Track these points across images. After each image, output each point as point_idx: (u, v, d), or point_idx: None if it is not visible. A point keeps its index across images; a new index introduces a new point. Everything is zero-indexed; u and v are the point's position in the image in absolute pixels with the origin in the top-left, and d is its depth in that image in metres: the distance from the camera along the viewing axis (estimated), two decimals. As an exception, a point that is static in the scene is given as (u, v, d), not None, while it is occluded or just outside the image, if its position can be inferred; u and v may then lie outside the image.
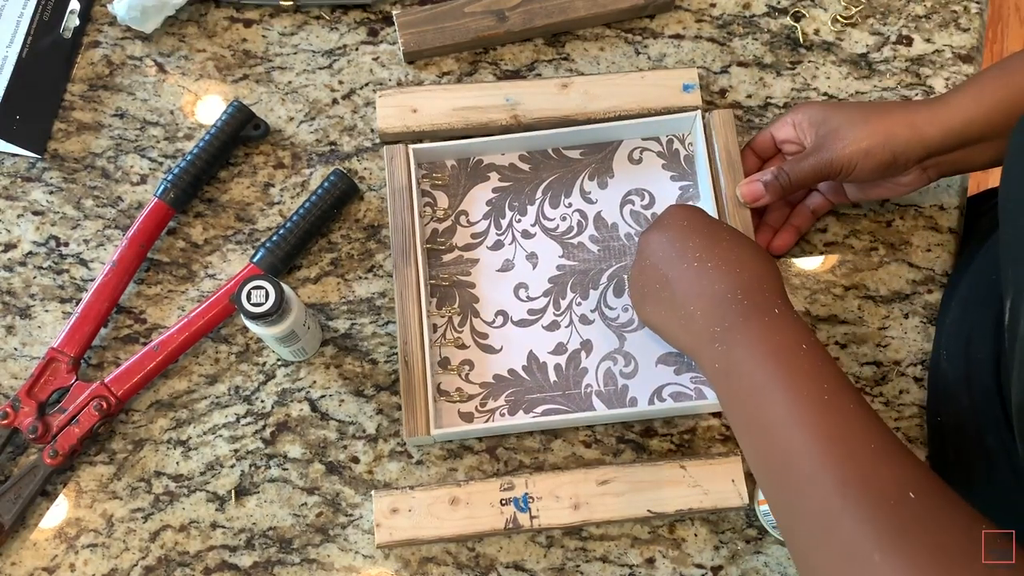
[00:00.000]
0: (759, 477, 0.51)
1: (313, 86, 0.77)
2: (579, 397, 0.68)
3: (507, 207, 0.73)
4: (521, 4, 0.76)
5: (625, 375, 0.69)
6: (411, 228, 0.69)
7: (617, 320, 0.70)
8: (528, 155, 0.74)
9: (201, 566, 0.66)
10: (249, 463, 0.68)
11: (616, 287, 0.71)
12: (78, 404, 0.67)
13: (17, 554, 0.66)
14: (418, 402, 0.66)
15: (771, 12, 0.79)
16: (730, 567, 0.66)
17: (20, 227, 0.73)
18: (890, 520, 0.43)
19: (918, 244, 0.73)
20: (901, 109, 0.64)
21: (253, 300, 0.59)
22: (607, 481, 0.66)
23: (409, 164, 0.71)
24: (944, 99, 0.64)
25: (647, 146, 0.74)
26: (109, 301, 0.69)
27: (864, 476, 0.45)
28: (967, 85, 0.64)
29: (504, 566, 0.66)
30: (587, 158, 0.74)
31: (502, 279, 0.71)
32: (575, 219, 0.72)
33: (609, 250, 0.72)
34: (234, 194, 0.74)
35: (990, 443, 0.62)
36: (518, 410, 0.68)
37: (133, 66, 0.77)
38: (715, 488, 0.66)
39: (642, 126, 0.73)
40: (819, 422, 0.48)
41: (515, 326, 0.70)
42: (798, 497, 0.47)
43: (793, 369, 0.51)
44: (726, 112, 0.71)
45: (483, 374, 0.69)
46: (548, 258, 0.72)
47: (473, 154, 0.73)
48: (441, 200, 0.73)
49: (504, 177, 0.73)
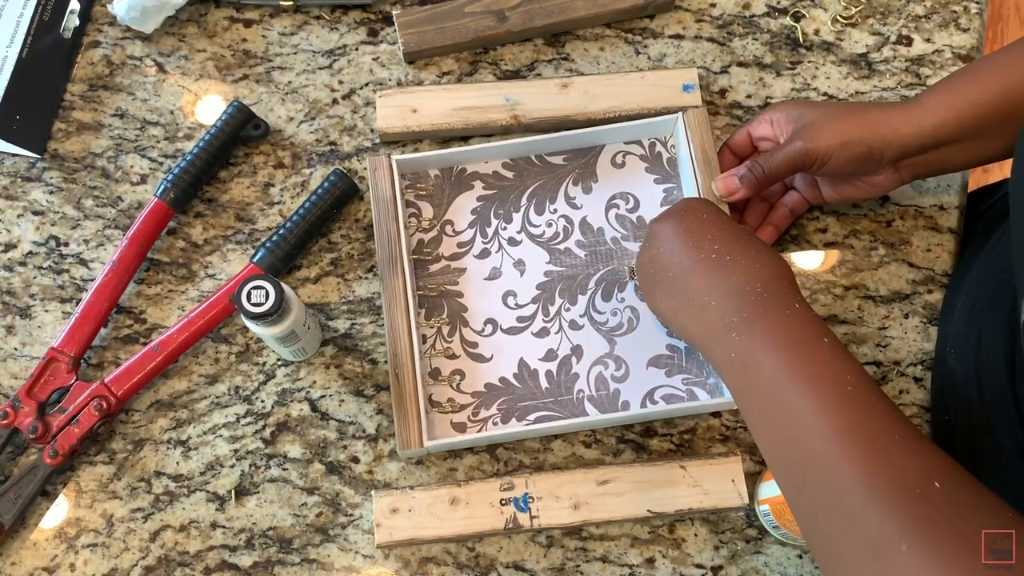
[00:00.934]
0: (776, 467, 0.51)
1: (313, 86, 0.77)
2: (571, 403, 0.68)
3: (492, 215, 0.73)
4: (521, 4, 0.76)
5: (616, 379, 0.69)
6: (397, 239, 0.69)
7: (607, 324, 0.70)
8: (511, 162, 0.74)
9: (201, 566, 0.66)
10: (249, 463, 0.68)
11: (604, 291, 0.71)
12: (78, 404, 0.67)
13: (17, 554, 0.66)
14: (410, 414, 0.65)
15: (771, 12, 0.79)
16: (730, 567, 0.66)
17: (20, 227, 0.73)
18: (917, 510, 0.43)
19: (918, 244, 0.73)
20: (877, 109, 0.64)
21: (253, 300, 0.59)
22: (607, 481, 0.66)
23: (392, 175, 0.70)
24: (918, 100, 0.64)
25: (630, 150, 0.74)
26: (109, 301, 0.69)
27: (889, 466, 0.45)
28: (939, 87, 0.65)
29: (504, 566, 0.66)
30: (570, 163, 0.74)
31: (490, 287, 0.71)
32: (561, 225, 0.72)
33: (596, 255, 0.72)
34: (234, 194, 0.74)
35: (1003, 441, 0.61)
36: (511, 418, 0.68)
37: (133, 66, 0.77)
38: (715, 488, 0.66)
39: (624, 130, 0.72)
40: (842, 412, 0.48)
41: (505, 334, 0.70)
42: (820, 487, 0.47)
43: (815, 360, 0.50)
44: (700, 111, 0.71)
45: (474, 383, 0.69)
46: (535, 265, 0.72)
47: (456, 163, 0.73)
48: (426, 210, 0.73)
49: (488, 185, 0.73)
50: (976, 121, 0.62)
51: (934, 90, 0.64)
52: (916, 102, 0.64)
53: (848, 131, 0.63)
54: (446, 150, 0.72)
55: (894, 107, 0.64)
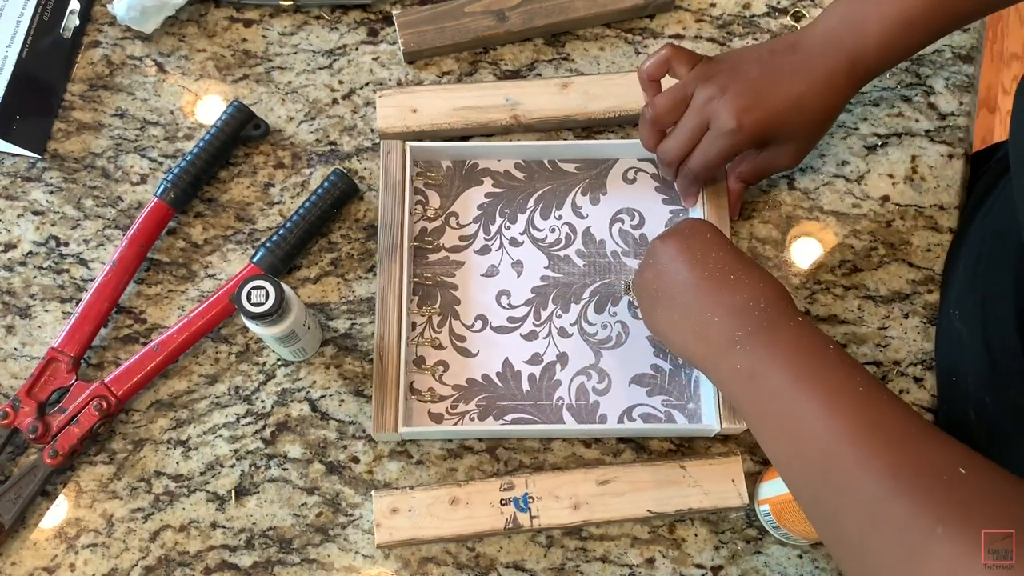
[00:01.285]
0: (791, 474, 0.51)
1: (313, 86, 0.77)
2: (549, 409, 0.68)
3: (498, 213, 0.73)
4: (521, 4, 0.76)
5: (598, 391, 0.69)
6: (400, 224, 0.69)
7: (595, 336, 0.70)
8: (524, 163, 0.74)
9: (201, 566, 0.66)
10: (249, 463, 0.68)
11: (598, 303, 0.71)
12: (78, 404, 0.67)
13: (17, 554, 0.66)
14: (389, 398, 0.65)
15: (771, 12, 0.79)
16: (730, 567, 0.66)
17: (20, 227, 0.73)
18: (948, 495, 0.43)
19: (918, 244, 0.73)
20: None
21: (253, 300, 0.59)
22: (607, 481, 0.66)
23: (405, 160, 0.71)
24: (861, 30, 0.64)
25: (643, 167, 0.74)
26: (109, 301, 0.69)
27: (913, 457, 0.45)
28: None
29: (504, 566, 0.66)
30: (582, 173, 0.74)
31: (486, 284, 0.71)
32: (564, 232, 0.72)
33: (595, 266, 0.72)
34: (234, 194, 0.74)
35: (1014, 400, 0.61)
36: (488, 416, 0.68)
37: (133, 66, 0.77)
38: (715, 488, 0.66)
39: (640, 146, 0.72)
40: (859, 412, 0.48)
41: (494, 332, 0.70)
42: (842, 487, 0.47)
43: (823, 364, 0.51)
44: None
45: (457, 376, 0.69)
46: (533, 268, 0.72)
47: (469, 157, 0.73)
48: (433, 199, 0.73)
49: (498, 183, 0.73)
50: (920, 29, 0.63)
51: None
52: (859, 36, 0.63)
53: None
54: (462, 143, 0.72)
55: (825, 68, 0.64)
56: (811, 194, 0.74)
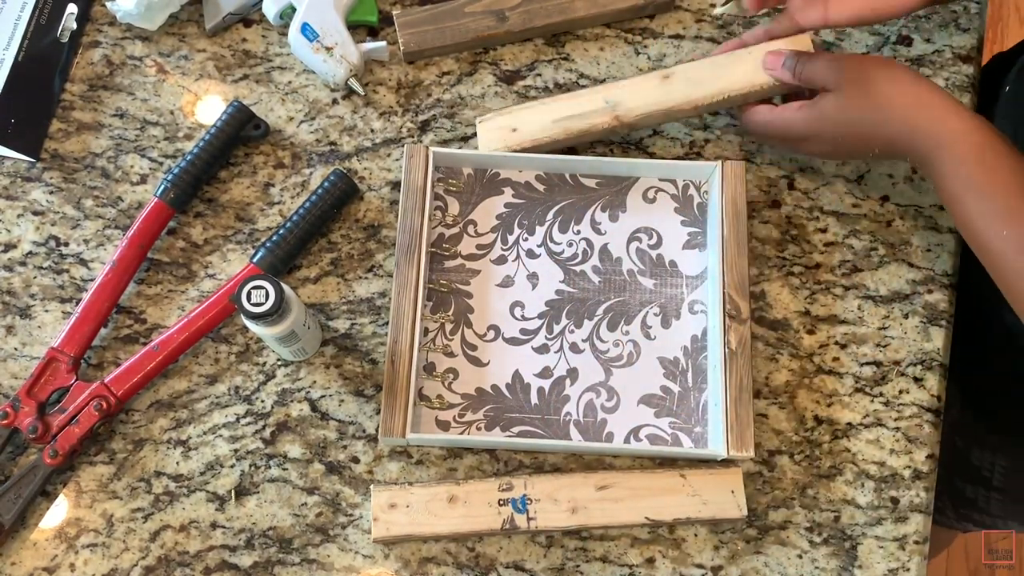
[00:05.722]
0: (984, 225, 0.59)
1: (313, 86, 0.77)
2: (557, 424, 0.68)
3: (516, 224, 0.73)
4: (521, 4, 0.76)
5: (606, 409, 0.69)
6: (419, 229, 0.69)
7: (607, 354, 0.70)
8: (545, 176, 0.74)
9: (201, 566, 0.66)
10: (249, 463, 0.68)
11: (611, 321, 0.70)
12: (78, 404, 0.67)
13: (17, 554, 0.66)
14: (398, 403, 0.65)
15: (771, 12, 0.79)
16: (730, 567, 0.66)
17: (20, 227, 0.73)
18: None
19: (918, 244, 0.73)
20: None
21: (253, 300, 0.59)
22: (606, 486, 0.66)
23: (427, 166, 0.71)
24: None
25: (663, 187, 0.74)
26: (109, 301, 0.69)
27: None
28: None
29: (504, 566, 0.66)
30: (603, 189, 0.74)
31: (500, 294, 0.71)
32: (581, 247, 0.72)
33: (610, 283, 0.72)
34: (234, 194, 0.74)
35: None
36: (495, 426, 0.68)
37: (133, 66, 0.77)
38: (714, 498, 0.66)
39: (662, 167, 0.72)
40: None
41: (505, 343, 0.70)
42: None
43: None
44: (739, 165, 0.71)
45: (466, 385, 0.69)
46: (548, 281, 0.71)
47: (491, 166, 0.73)
48: (452, 206, 0.73)
49: (518, 194, 0.73)
50: None
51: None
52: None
53: None
54: (484, 152, 0.71)
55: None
56: (811, 194, 0.74)
